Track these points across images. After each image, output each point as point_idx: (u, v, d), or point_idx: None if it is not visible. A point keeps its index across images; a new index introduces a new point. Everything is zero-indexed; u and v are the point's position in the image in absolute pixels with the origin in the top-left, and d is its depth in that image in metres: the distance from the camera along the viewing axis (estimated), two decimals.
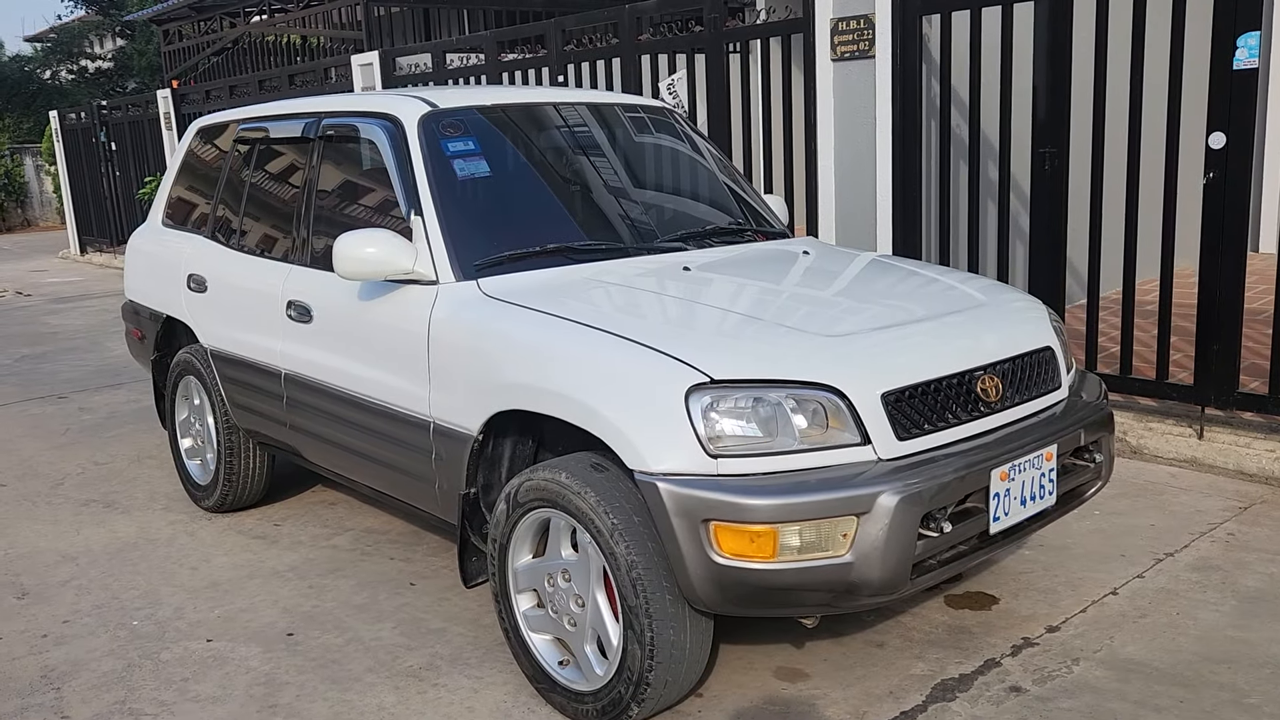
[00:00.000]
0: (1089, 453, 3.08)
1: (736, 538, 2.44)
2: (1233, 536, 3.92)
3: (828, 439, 2.55)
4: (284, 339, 3.89)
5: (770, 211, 4.08)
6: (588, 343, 2.74)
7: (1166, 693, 2.91)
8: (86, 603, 3.83)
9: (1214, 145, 4.53)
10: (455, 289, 3.18)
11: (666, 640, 2.61)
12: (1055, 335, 3.18)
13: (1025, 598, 3.51)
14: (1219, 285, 4.64)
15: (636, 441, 2.54)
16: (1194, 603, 3.42)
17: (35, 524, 4.68)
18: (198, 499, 4.72)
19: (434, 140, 3.47)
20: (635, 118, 4.07)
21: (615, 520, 2.59)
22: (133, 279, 5.13)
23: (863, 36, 5.71)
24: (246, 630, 3.55)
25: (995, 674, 3.05)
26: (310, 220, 3.88)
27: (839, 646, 3.24)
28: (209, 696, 3.14)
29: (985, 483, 2.68)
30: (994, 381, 2.84)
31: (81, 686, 3.24)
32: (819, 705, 2.93)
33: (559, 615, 2.88)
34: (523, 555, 2.96)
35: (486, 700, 3.03)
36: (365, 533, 4.36)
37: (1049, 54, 5.05)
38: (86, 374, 7.91)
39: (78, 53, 32.26)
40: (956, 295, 3.18)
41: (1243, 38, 4.40)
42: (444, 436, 3.16)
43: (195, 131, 4.91)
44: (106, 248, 16.18)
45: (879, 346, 2.73)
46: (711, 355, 2.60)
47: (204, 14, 15.22)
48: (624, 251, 3.44)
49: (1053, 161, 5.11)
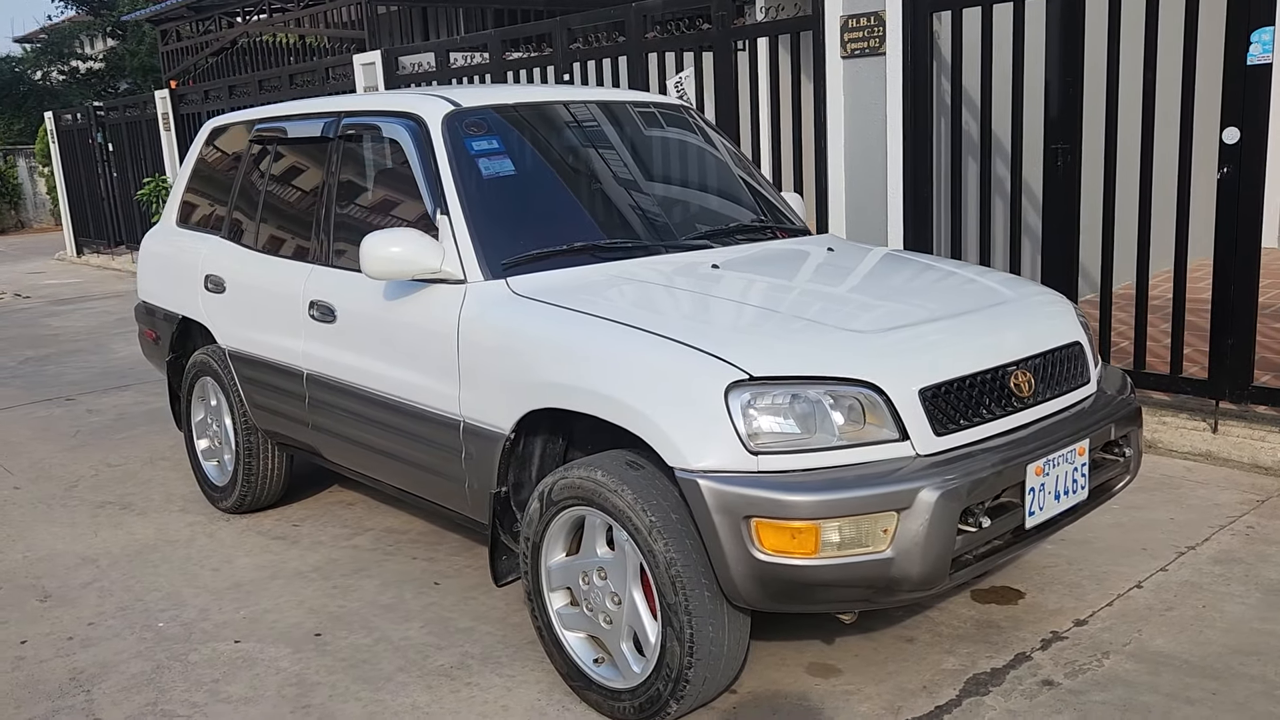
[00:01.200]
0: (1119, 447, 3.10)
1: (778, 534, 2.45)
2: (1252, 529, 3.94)
3: (866, 435, 2.56)
4: (306, 339, 3.88)
5: (790, 209, 4.09)
6: (625, 341, 2.75)
7: (1198, 685, 2.93)
8: (110, 605, 3.82)
9: (1228, 140, 4.56)
10: (484, 288, 3.18)
11: (706, 637, 2.61)
12: (1082, 330, 3.20)
13: (1051, 592, 3.52)
14: (1233, 279, 4.66)
15: (676, 439, 2.55)
16: (1219, 595, 3.44)
17: (52, 526, 4.67)
18: (215, 500, 4.71)
19: (458, 139, 3.47)
20: (654, 115, 4.07)
21: (653, 518, 2.60)
22: (146, 280, 5.11)
23: (873, 34, 5.72)
24: (273, 631, 3.54)
25: (1026, 668, 3.06)
26: (331, 220, 3.87)
27: (869, 642, 3.25)
28: (241, 697, 3.14)
29: (1021, 477, 2.69)
30: (1026, 377, 2.86)
31: (111, 689, 3.23)
32: (853, 700, 2.94)
33: (594, 613, 2.88)
34: (556, 553, 2.96)
35: (520, 698, 3.03)
36: (386, 532, 4.35)
37: (1061, 49, 5.06)
38: (92, 376, 7.88)
39: (68, 53, 32.13)
40: (985, 291, 3.19)
41: (1257, 33, 4.42)
42: (474, 435, 3.16)
43: (208, 132, 4.89)
44: (103, 249, 16.12)
45: (914, 342, 2.74)
46: (750, 352, 2.60)
47: (202, 14, 15.17)
48: (649, 249, 3.44)
49: (1065, 157, 5.13)
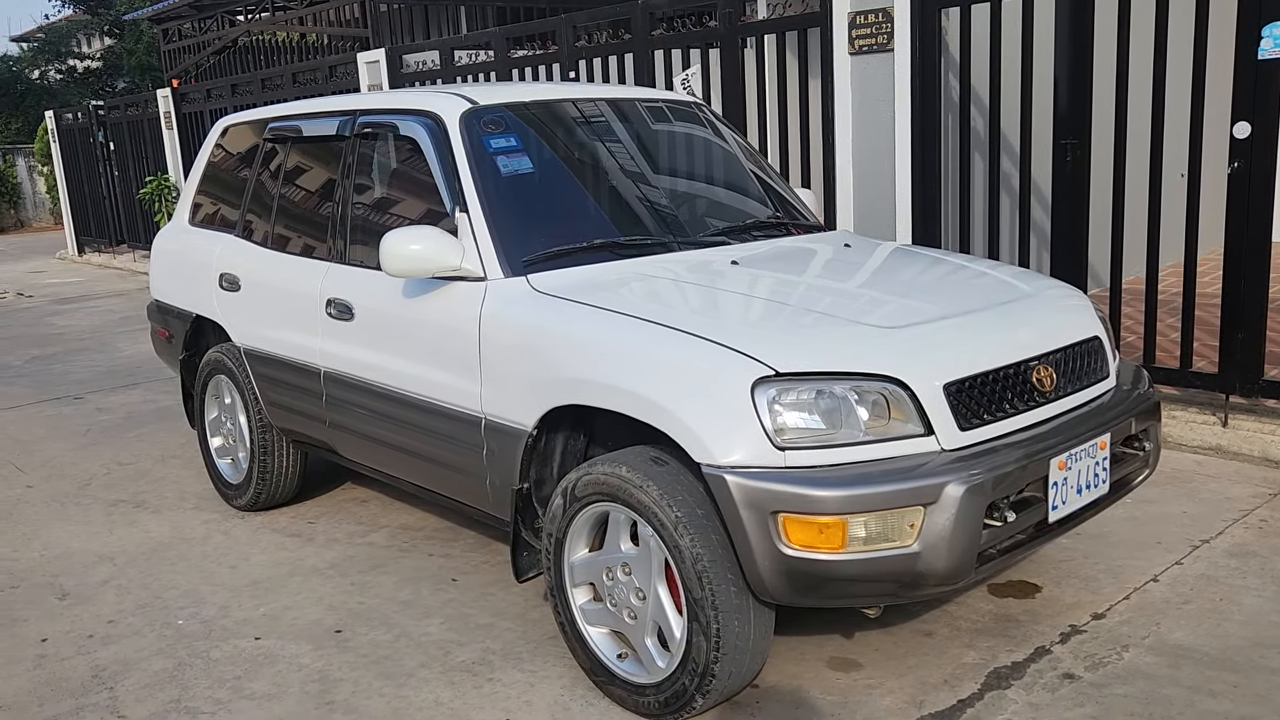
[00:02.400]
0: (1139, 441, 3.11)
1: (805, 529, 2.46)
2: (1265, 523, 3.96)
3: (891, 430, 2.58)
4: (323, 337, 3.89)
5: (804, 205, 4.10)
6: (649, 337, 2.76)
7: (1219, 678, 2.95)
8: (129, 602, 3.83)
9: (1238, 135, 4.57)
10: (505, 285, 3.19)
11: (732, 631, 2.62)
12: (1100, 325, 3.21)
13: (1068, 585, 3.54)
14: (1244, 273, 4.68)
15: (703, 435, 2.56)
16: (1236, 589, 3.46)
17: (67, 525, 4.67)
18: (229, 498, 4.72)
19: (476, 137, 3.48)
20: (666, 112, 4.08)
21: (679, 513, 2.61)
22: (159, 279, 5.12)
23: (881, 30, 5.72)
24: (294, 628, 3.56)
25: (1047, 661, 3.07)
26: (348, 218, 3.88)
27: (889, 636, 3.27)
28: (264, 694, 3.15)
29: (1044, 472, 2.71)
30: (1048, 371, 2.87)
31: (134, 686, 3.24)
32: (876, 694, 2.96)
33: (618, 608, 2.89)
34: (579, 549, 2.97)
35: (543, 694, 3.05)
36: (401, 529, 4.36)
37: (1070, 44, 5.07)
38: (99, 374, 7.88)
39: (66, 52, 32.10)
40: (1004, 286, 3.20)
41: (1268, 28, 4.43)
42: (496, 432, 3.17)
43: (220, 131, 4.90)
44: (105, 248, 16.11)
45: (937, 337, 2.75)
46: (774, 348, 2.61)
47: (204, 12, 15.15)
48: (667, 246, 3.45)
49: (1074, 153, 5.14)
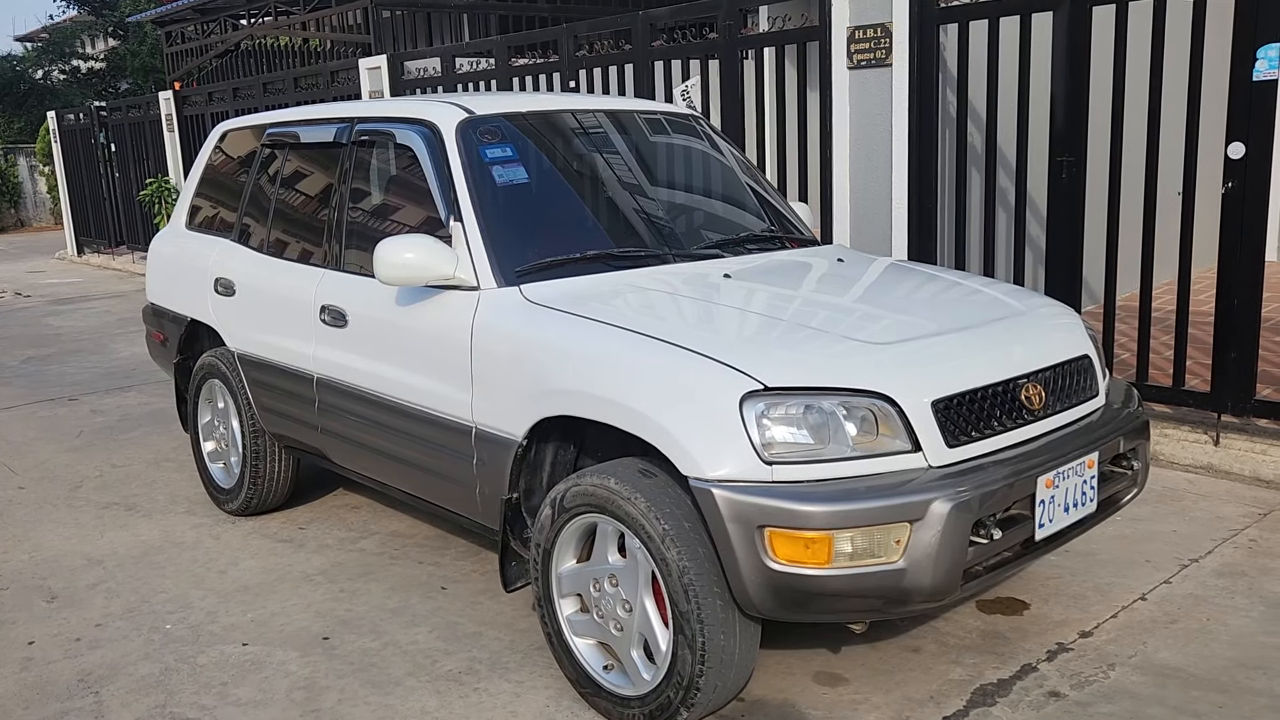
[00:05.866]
0: (1127, 460, 3.12)
1: (791, 544, 2.46)
2: (1255, 543, 3.97)
3: (879, 446, 2.58)
4: (316, 343, 3.89)
5: (799, 219, 4.11)
6: (640, 349, 2.76)
7: (1204, 698, 2.95)
8: (117, 606, 3.83)
9: (1233, 155, 4.59)
10: (498, 295, 3.20)
11: (717, 645, 2.63)
12: (1091, 343, 3.22)
13: (1056, 603, 3.54)
14: (1237, 293, 4.69)
15: (691, 448, 2.57)
16: (1223, 609, 3.46)
17: (58, 527, 4.67)
18: (221, 502, 4.72)
19: (472, 146, 3.49)
20: (663, 124, 4.09)
21: (666, 526, 2.61)
22: (155, 282, 5.12)
23: (880, 45, 5.75)
24: (281, 634, 3.55)
25: (1033, 679, 3.08)
26: (344, 225, 3.89)
27: (875, 651, 3.27)
28: (250, 700, 3.15)
29: (1031, 489, 2.71)
30: (1037, 389, 2.88)
31: (120, 690, 3.24)
32: (861, 710, 2.96)
33: (605, 620, 2.90)
34: (567, 560, 2.97)
35: (529, 704, 3.04)
36: (392, 536, 4.36)
37: (1067, 62, 5.09)
38: (95, 376, 7.88)
39: (69, 53, 32.13)
40: (995, 303, 3.21)
41: (1263, 49, 4.45)
42: (486, 442, 3.17)
43: (219, 135, 4.91)
44: (104, 249, 16.12)
45: (926, 354, 2.76)
46: (764, 363, 2.62)
47: (207, 16, 15.19)
48: (661, 258, 3.46)
49: (1070, 169, 5.15)
